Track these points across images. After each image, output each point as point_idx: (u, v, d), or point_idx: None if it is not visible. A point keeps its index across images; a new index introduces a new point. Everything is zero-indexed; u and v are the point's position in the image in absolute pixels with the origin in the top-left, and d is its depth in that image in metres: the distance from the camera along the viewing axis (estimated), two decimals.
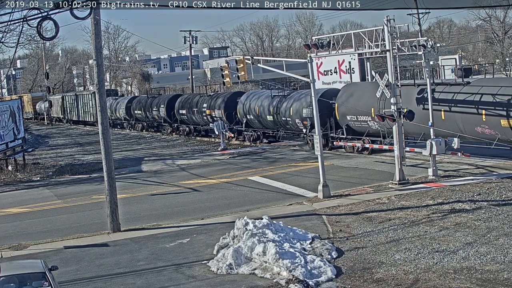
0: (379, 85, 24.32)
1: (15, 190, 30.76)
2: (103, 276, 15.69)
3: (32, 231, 21.58)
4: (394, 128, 24.20)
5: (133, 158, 39.26)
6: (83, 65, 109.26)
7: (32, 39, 45.44)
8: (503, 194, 20.54)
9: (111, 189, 20.32)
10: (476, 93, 25.43)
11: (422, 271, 14.16)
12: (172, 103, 50.97)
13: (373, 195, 22.32)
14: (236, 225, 17.21)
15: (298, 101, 35.39)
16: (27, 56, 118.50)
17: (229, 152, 37.85)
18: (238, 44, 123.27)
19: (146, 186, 28.80)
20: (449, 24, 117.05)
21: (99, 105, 20.36)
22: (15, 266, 13.84)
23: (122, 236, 19.59)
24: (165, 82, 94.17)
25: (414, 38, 27.03)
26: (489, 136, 24.96)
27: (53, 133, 68.41)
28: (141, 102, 57.64)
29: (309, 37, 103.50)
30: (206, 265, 15.83)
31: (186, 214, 22.17)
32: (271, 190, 25.27)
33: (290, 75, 27.76)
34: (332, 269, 14.64)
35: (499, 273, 13.56)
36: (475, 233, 16.58)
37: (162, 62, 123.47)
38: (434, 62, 34.28)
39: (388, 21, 23.72)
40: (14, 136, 37.47)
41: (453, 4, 37.65)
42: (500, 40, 70.39)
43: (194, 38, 72.11)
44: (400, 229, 17.59)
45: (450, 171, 25.47)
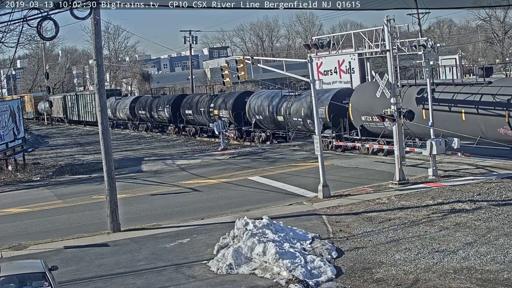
0: (379, 85, 24.31)
1: (15, 190, 30.76)
2: (103, 276, 15.70)
3: (32, 231, 21.58)
4: (394, 128, 24.20)
5: (133, 158, 39.26)
6: (83, 65, 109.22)
7: (32, 39, 45.45)
8: (503, 194, 20.54)
9: (111, 189, 20.32)
10: (497, 94, 24.37)
11: (422, 271, 14.16)
12: (177, 103, 49.80)
13: (373, 195, 22.32)
14: (236, 225, 17.21)
15: (311, 101, 34.05)
16: (27, 56, 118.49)
17: (229, 152, 37.85)
18: (238, 44, 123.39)
19: (146, 186, 28.80)
20: (449, 24, 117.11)
21: (99, 105, 20.37)
22: (15, 266, 13.84)
23: (122, 236, 19.59)
24: (165, 82, 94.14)
25: (414, 38, 27.03)
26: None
27: (53, 133, 68.40)
28: (146, 102, 56.39)
29: (309, 37, 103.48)
30: (206, 265, 15.83)
31: (186, 214, 22.16)
32: (271, 190, 25.27)
33: (290, 75, 27.77)
34: (332, 269, 14.64)
35: (499, 273, 13.56)
36: (475, 233, 16.58)
37: (162, 62, 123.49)
38: (434, 62, 34.25)
39: (388, 21, 23.73)
40: (14, 136, 37.48)
41: (453, 4, 37.69)
42: (500, 40, 70.39)
43: (194, 38, 72.07)
44: (400, 229, 17.59)
45: (450, 171, 25.47)
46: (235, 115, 41.51)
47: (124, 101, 62.60)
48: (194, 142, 46.04)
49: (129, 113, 60.22)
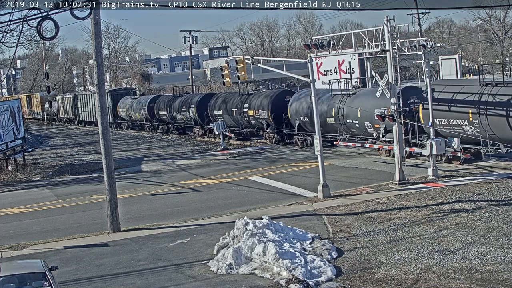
0: (379, 85, 24.29)
1: (15, 190, 30.76)
2: (103, 276, 15.70)
3: (32, 231, 21.58)
4: (394, 128, 24.20)
5: (133, 158, 39.26)
6: (83, 65, 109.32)
7: (32, 39, 45.45)
8: (503, 194, 20.54)
9: (111, 189, 20.32)
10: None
11: (422, 271, 14.16)
12: (204, 103, 45.50)
13: (373, 195, 22.32)
14: (236, 225, 17.21)
15: (368, 101, 29.98)
16: (27, 56, 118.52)
17: (229, 152, 37.84)
18: (238, 44, 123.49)
19: (146, 186, 28.80)
20: (449, 24, 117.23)
21: (99, 105, 20.36)
22: (15, 266, 13.84)
23: (122, 236, 19.59)
24: (165, 82, 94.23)
25: (414, 38, 27.02)
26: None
27: (53, 133, 68.40)
28: (167, 102, 51.84)
29: (309, 37, 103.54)
30: (206, 265, 15.83)
31: (186, 214, 22.16)
32: (271, 190, 25.27)
33: (290, 75, 27.77)
34: (332, 269, 14.65)
35: (499, 273, 13.56)
36: (475, 233, 16.58)
37: (162, 62, 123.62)
38: (434, 62, 34.27)
39: (388, 21, 23.73)
40: (14, 136, 37.48)
41: (453, 4, 37.67)
42: (500, 40, 70.41)
43: (194, 38, 72.17)
44: (400, 229, 17.59)
45: (450, 171, 25.46)
46: (274, 116, 37.79)
47: (141, 100, 57.97)
48: (194, 142, 46.03)
49: (147, 113, 55.73)
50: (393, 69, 24.00)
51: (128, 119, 61.13)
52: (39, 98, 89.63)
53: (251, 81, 38.59)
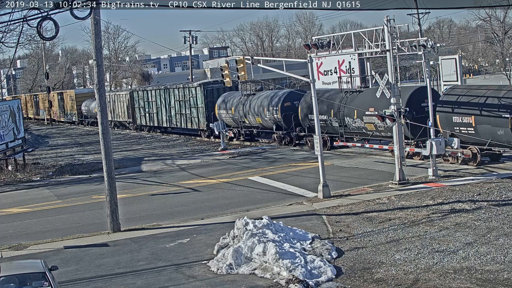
0: (379, 85, 24.28)
1: (15, 190, 30.76)
2: (103, 276, 15.70)
3: (32, 231, 21.59)
4: (394, 128, 24.20)
5: (133, 158, 39.26)
6: (83, 65, 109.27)
7: (32, 39, 45.38)
8: (503, 194, 20.54)
9: (111, 189, 20.33)
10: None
11: (422, 271, 14.16)
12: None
13: (373, 195, 22.32)
14: (236, 225, 17.22)
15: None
16: (27, 56, 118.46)
17: (229, 152, 37.83)
18: (238, 44, 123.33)
19: (146, 186, 28.80)
20: (449, 24, 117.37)
21: (99, 105, 20.35)
22: (15, 266, 13.86)
23: (122, 236, 19.59)
24: (165, 82, 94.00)
25: (414, 38, 27.04)
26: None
27: (53, 133, 68.37)
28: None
29: (309, 37, 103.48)
30: (206, 265, 15.84)
31: (186, 214, 22.17)
32: (271, 190, 25.27)
33: (290, 75, 27.77)
34: (332, 269, 14.65)
35: (499, 273, 13.57)
36: (475, 233, 16.58)
37: (162, 62, 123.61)
38: (434, 62, 34.23)
39: (388, 21, 23.74)
40: (14, 136, 37.50)
41: (453, 4, 37.64)
42: (500, 40, 70.35)
43: (194, 38, 72.13)
44: (400, 229, 17.59)
45: (450, 171, 25.46)
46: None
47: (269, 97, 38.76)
48: (194, 142, 46.00)
49: (280, 118, 37.11)
50: (393, 69, 24.00)
51: (234, 125, 42.15)
52: (74, 96, 72.33)
53: (251, 81, 38.38)
